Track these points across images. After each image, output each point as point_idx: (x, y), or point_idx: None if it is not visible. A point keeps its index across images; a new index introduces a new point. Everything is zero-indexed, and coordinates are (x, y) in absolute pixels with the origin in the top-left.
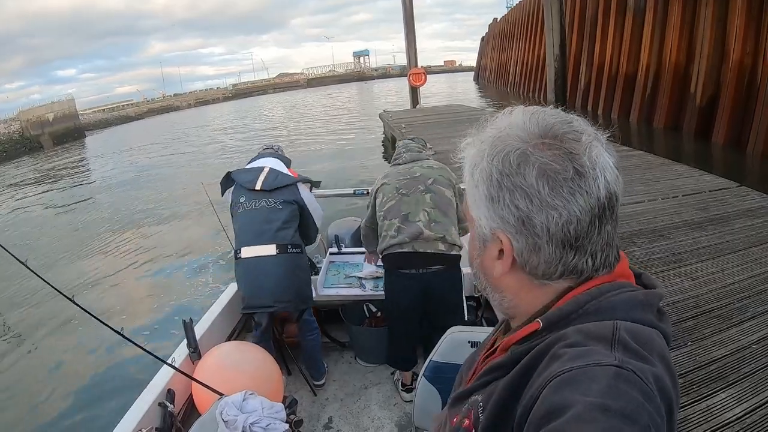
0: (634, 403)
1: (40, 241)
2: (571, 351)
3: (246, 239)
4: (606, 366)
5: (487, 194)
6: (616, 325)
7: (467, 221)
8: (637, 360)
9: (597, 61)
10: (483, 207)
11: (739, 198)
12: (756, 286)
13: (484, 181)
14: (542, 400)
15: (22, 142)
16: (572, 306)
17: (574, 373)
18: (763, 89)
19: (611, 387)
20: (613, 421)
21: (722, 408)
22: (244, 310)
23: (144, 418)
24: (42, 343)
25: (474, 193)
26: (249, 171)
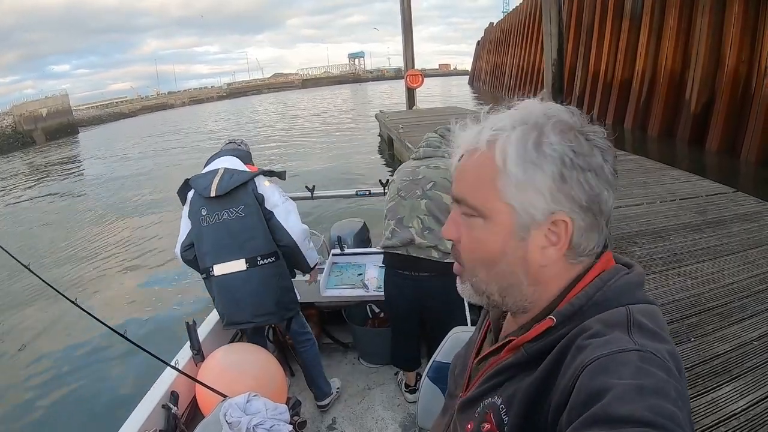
0: (662, 381)
1: (37, 241)
2: (594, 341)
3: (215, 256)
4: (629, 351)
5: (558, 175)
6: (629, 310)
7: (484, 216)
8: (652, 341)
9: (593, 66)
10: (544, 189)
11: (736, 203)
12: (755, 286)
13: (555, 160)
14: (579, 389)
15: (14, 137)
16: (583, 299)
17: (603, 360)
18: (757, 97)
19: (640, 369)
20: (650, 399)
21: (727, 400)
22: (225, 327)
23: (147, 420)
24: (44, 345)
25: (530, 176)
26: (204, 176)
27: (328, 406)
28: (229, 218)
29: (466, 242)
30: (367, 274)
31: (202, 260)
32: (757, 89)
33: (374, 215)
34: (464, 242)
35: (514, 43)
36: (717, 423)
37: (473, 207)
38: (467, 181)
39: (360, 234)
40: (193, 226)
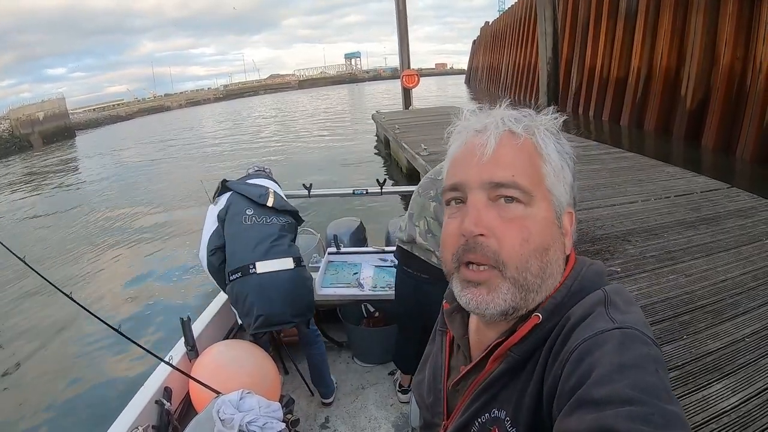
0: (641, 355)
1: (34, 240)
2: (578, 327)
3: (261, 253)
4: (610, 331)
5: (574, 172)
6: (604, 291)
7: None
8: (626, 314)
9: (588, 65)
10: (568, 182)
11: (730, 199)
12: (748, 283)
13: (572, 159)
14: (567, 375)
15: (11, 141)
16: (563, 291)
17: (587, 344)
18: (752, 93)
19: (620, 345)
20: (630, 374)
21: (718, 398)
22: (257, 330)
23: (141, 415)
24: (39, 339)
25: (562, 167)
26: (254, 186)
27: (333, 402)
28: (277, 223)
29: (514, 233)
30: (362, 274)
31: (237, 259)
32: (752, 86)
33: (371, 214)
34: (511, 233)
35: (509, 41)
36: (708, 420)
37: (523, 189)
38: (514, 164)
39: (356, 233)
40: (229, 226)
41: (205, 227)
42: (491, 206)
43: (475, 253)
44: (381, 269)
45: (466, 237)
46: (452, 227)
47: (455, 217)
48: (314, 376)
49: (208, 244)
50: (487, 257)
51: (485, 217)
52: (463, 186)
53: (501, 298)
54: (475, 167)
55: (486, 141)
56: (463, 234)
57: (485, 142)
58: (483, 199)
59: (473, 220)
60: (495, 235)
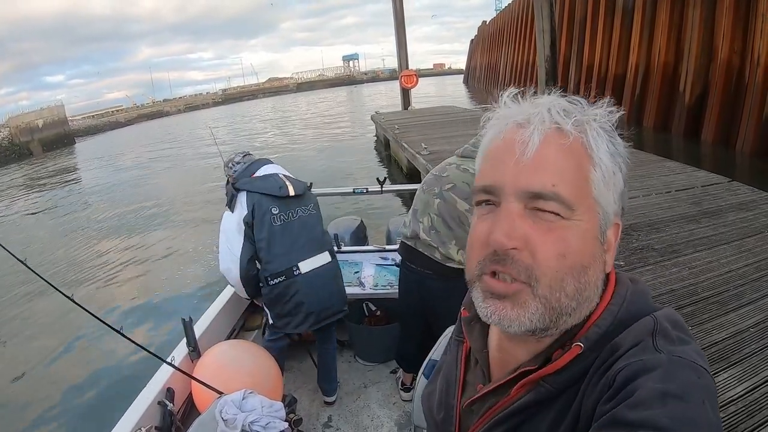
0: (688, 384)
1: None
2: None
3: (300, 252)
4: (658, 356)
5: (626, 177)
6: (654, 319)
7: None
8: (679, 345)
9: (586, 62)
10: (619, 190)
11: (731, 192)
12: (751, 274)
13: (626, 162)
14: (607, 399)
15: (11, 149)
16: (608, 319)
17: (631, 368)
18: (751, 87)
19: (667, 372)
20: (673, 404)
21: (725, 387)
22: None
23: (143, 416)
24: (41, 341)
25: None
26: (266, 179)
27: (336, 401)
28: (304, 215)
29: (551, 247)
30: (363, 272)
31: (277, 264)
32: (751, 79)
33: (371, 213)
34: (547, 247)
35: (507, 40)
36: None
37: (565, 202)
38: (558, 170)
39: (357, 232)
40: (259, 231)
41: (226, 237)
42: (527, 215)
43: (505, 266)
44: (382, 268)
45: (495, 248)
46: (481, 231)
47: (485, 219)
48: (323, 373)
49: (241, 255)
50: (518, 272)
51: (519, 228)
52: (496, 190)
53: (527, 318)
54: (513, 169)
55: (528, 138)
56: (492, 244)
57: (527, 140)
58: (519, 208)
59: (505, 231)
60: (529, 248)
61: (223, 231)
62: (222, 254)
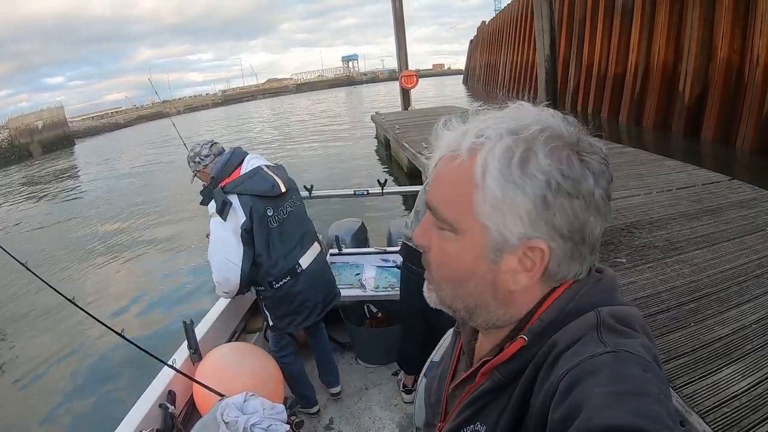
0: (640, 379)
1: (36, 245)
2: (566, 353)
3: (299, 249)
4: (601, 355)
5: (540, 199)
6: (598, 313)
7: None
8: (624, 338)
9: (586, 62)
10: (522, 212)
11: (732, 190)
12: (752, 271)
13: (540, 183)
14: (556, 405)
15: (11, 150)
16: (553, 313)
17: (576, 371)
18: (750, 86)
19: (614, 372)
20: (631, 402)
21: (728, 382)
22: (316, 318)
23: (145, 419)
24: (42, 344)
25: (509, 196)
26: (255, 177)
27: (341, 393)
28: (292, 209)
29: (435, 254)
30: (364, 274)
31: (281, 266)
32: (750, 78)
33: (372, 215)
34: (434, 253)
35: (507, 40)
36: (719, 404)
37: (444, 220)
38: (442, 191)
39: (358, 234)
40: (259, 235)
41: (222, 247)
42: (435, 227)
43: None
44: (383, 270)
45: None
46: None
47: None
48: (324, 366)
49: (243, 264)
50: (426, 265)
51: (423, 234)
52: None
53: (431, 300)
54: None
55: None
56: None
57: (432, 164)
58: (429, 218)
59: (417, 232)
60: (427, 252)
61: (217, 241)
62: (217, 266)
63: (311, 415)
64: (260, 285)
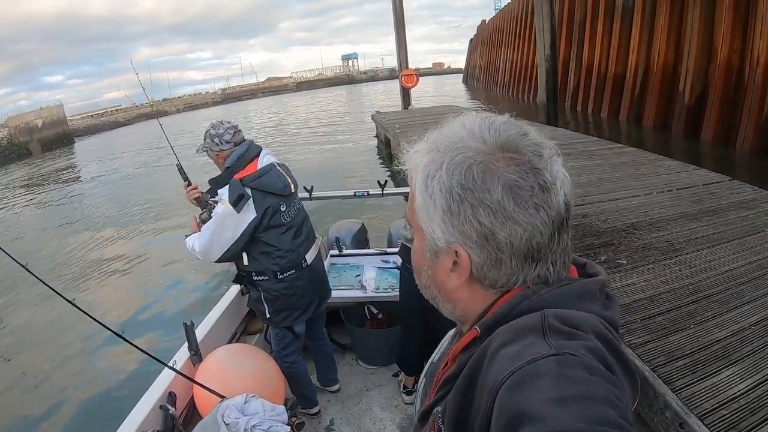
0: (584, 382)
1: (36, 247)
2: (506, 351)
3: (306, 245)
4: (545, 358)
5: (446, 208)
6: (543, 313)
7: (412, 229)
8: (568, 339)
9: (586, 62)
10: (438, 219)
11: (732, 191)
12: (752, 273)
13: (443, 194)
14: (499, 411)
15: (10, 149)
16: (505, 309)
17: (518, 375)
18: (750, 86)
19: (558, 376)
20: (575, 408)
21: (727, 384)
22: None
23: (145, 420)
24: (41, 345)
25: (428, 205)
26: (270, 174)
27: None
28: (300, 207)
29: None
30: (365, 276)
31: (288, 258)
32: (750, 79)
33: (373, 216)
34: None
35: (507, 39)
36: (718, 406)
37: (408, 220)
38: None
39: (358, 235)
40: (273, 230)
41: (220, 225)
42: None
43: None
44: (383, 271)
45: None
46: None
47: None
48: (324, 365)
49: (231, 246)
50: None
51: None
52: None
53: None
54: None
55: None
56: None
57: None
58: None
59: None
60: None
61: (218, 222)
62: (204, 241)
63: (312, 416)
64: (264, 275)
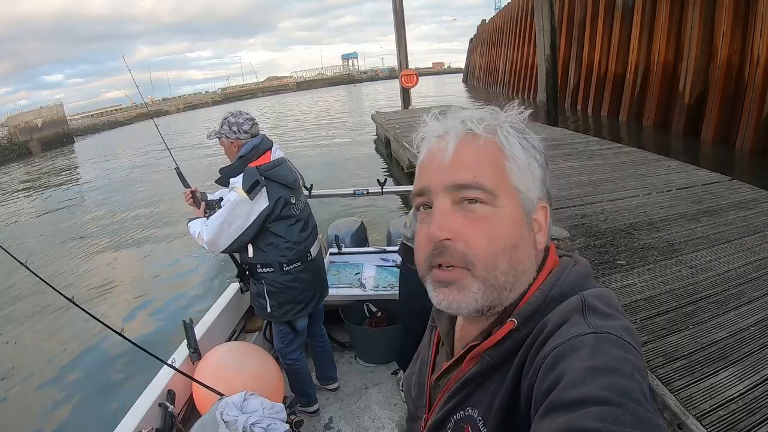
0: (616, 358)
1: (35, 246)
2: (555, 335)
3: (312, 239)
4: (585, 335)
5: (544, 166)
6: (582, 296)
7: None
8: (606, 320)
9: (586, 61)
10: (538, 177)
11: (731, 191)
12: (750, 273)
13: (542, 153)
14: (540, 380)
15: (10, 149)
16: (540, 297)
17: (560, 348)
18: (750, 86)
19: (594, 349)
20: (603, 377)
21: (725, 385)
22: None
23: (144, 418)
24: (40, 343)
25: (529, 161)
26: (282, 167)
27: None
28: (305, 201)
29: (480, 233)
30: (364, 274)
31: (295, 250)
32: (750, 79)
33: (372, 215)
34: (477, 234)
35: (507, 39)
36: (716, 407)
37: (486, 188)
38: (475, 165)
39: (357, 233)
40: (282, 221)
41: (231, 213)
42: (456, 209)
43: (444, 257)
44: (383, 269)
45: (434, 242)
46: (423, 233)
47: (425, 222)
48: (324, 363)
49: (241, 236)
50: (455, 259)
51: (450, 220)
52: (427, 190)
53: (472, 297)
54: (437, 171)
55: (446, 146)
56: (431, 239)
57: (445, 147)
58: (447, 204)
59: (438, 225)
60: (461, 237)
61: (229, 210)
62: (213, 230)
63: (311, 414)
64: (269, 267)
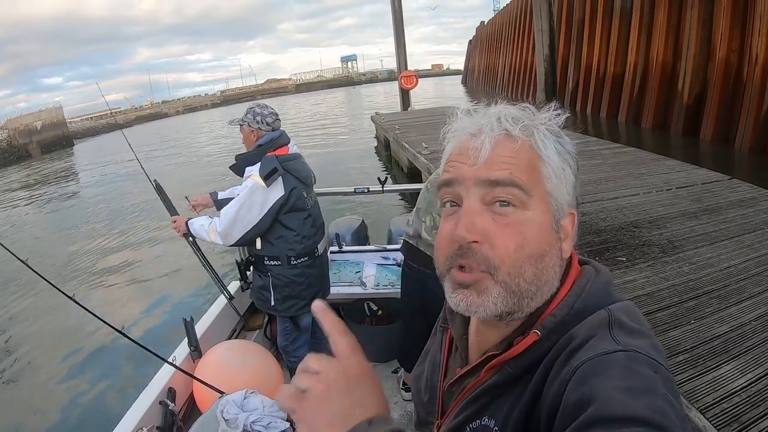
0: (648, 378)
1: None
2: (581, 350)
3: (320, 234)
4: (615, 353)
5: (576, 172)
6: (609, 311)
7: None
8: (634, 338)
9: (585, 62)
10: (570, 183)
11: (731, 189)
12: (751, 269)
13: (572, 155)
14: (570, 393)
15: (9, 151)
16: (564, 309)
17: (591, 363)
18: (749, 86)
19: (627, 369)
20: (642, 398)
21: (727, 379)
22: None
23: (145, 416)
24: (42, 341)
25: (563, 167)
26: (297, 162)
27: None
28: (315, 198)
29: (509, 239)
30: (365, 272)
31: (304, 244)
32: (749, 77)
33: (373, 213)
34: (506, 240)
35: (506, 40)
36: (719, 400)
37: (522, 187)
38: (512, 164)
39: (358, 231)
40: (294, 212)
41: (249, 201)
42: (486, 210)
43: (467, 259)
44: (383, 267)
45: (459, 242)
46: (447, 230)
47: (450, 219)
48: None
49: (256, 225)
50: (479, 263)
51: (479, 222)
52: (457, 182)
53: (491, 302)
54: (470, 168)
55: (481, 145)
56: (456, 239)
57: (480, 146)
58: (477, 203)
59: (466, 226)
60: (489, 241)
61: (247, 197)
62: (229, 219)
63: None
64: (277, 260)
